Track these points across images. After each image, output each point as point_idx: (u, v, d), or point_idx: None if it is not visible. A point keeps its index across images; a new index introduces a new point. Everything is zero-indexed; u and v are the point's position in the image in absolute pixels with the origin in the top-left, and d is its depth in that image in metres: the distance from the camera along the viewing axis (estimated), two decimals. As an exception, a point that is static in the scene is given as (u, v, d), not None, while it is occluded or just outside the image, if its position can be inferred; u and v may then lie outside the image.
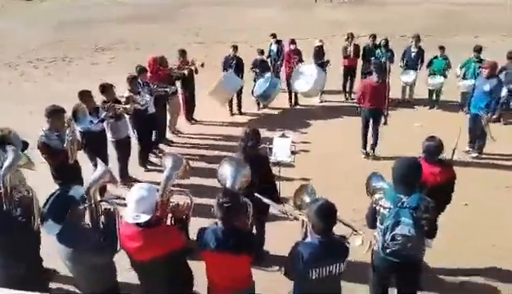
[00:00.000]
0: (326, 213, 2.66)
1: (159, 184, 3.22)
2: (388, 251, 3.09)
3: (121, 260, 3.11)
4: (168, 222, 3.20)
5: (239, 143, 4.09)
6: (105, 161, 5.57)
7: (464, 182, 4.30)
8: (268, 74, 8.77)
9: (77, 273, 3.10)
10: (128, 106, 6.01)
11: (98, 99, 5.91)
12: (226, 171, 3.46)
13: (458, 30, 16.18)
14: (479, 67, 7.90)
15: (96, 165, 5.69)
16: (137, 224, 2.76)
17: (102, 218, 3.18)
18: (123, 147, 6.19)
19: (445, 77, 8.67)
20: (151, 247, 2.76)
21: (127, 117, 6.24)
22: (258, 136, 4.11)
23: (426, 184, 3.56)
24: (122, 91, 6.41)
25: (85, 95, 5.53)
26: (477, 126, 6.67)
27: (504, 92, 7.31)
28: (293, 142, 5.02)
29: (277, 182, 4.43)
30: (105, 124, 5.87)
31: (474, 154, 6.84)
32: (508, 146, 6.93)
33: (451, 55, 8.90)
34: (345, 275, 2.83)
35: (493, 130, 6.67)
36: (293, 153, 4.91)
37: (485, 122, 6.51)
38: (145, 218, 2.73)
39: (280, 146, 4.88)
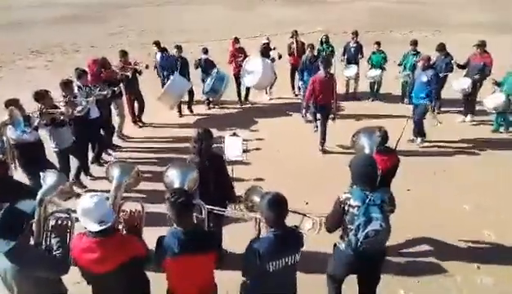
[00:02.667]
0: (277, 203, 2.72)
1: (106, 192, 3.10)
2: (361, 249, 3.11)
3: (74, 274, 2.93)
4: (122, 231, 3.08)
5: (192, 145, 4.02)
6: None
7: (406, 169, 4.59)
8: (215, 70, 8.69)
9: (19, 291, 2.87)
10: (63, 110, 5.51)
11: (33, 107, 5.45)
12: (172, 175, 3.42)
13: (396, 26, 17.13)
14: (415, 60, 8.45)
15: (31, 179, 5.30)
16: (93, 235, 2.64)
17: (53, 233, 2.99)
18: (67, 157, 5.82)
19: (383, 69, 9.16)
20: (112, 257, 2.65)
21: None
22: (211, 136, 4.09)
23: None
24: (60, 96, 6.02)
25: (11, 105, 4.94)
26: (417, 115, 7.11)
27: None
28: (244, 140, 5.04)
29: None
30: (45, 133, 5.50)
31: (419, 140, 7.29)
32: (442, 133, 7.46)
33: (388, 49, 9.40)
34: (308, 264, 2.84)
35: (429, 118, 7.22)
36: (244, 151, 4.93)
37: (430, 110, 7.04)
38: (109, 223, 2.64)
39: (232, 145, 4.87)
